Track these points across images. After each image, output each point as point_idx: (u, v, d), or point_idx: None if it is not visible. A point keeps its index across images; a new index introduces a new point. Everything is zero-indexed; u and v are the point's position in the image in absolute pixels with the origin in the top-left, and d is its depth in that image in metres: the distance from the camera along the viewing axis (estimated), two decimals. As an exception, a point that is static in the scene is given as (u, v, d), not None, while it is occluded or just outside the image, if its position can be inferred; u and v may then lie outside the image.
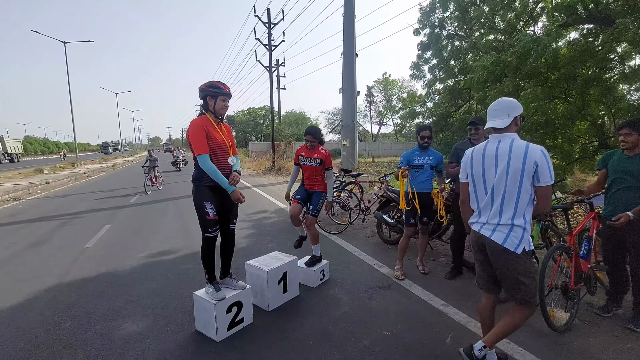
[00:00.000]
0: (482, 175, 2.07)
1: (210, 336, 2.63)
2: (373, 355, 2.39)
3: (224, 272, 2.90)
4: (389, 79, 43.83)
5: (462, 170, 2.24)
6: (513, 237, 1.93)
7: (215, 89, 2.62)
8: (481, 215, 2.09)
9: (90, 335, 2.73)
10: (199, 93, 2.67)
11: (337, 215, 6.36)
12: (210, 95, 2.63)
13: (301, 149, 3.78)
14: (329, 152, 3.74)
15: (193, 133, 2.54)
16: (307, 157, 3.70)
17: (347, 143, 10.74)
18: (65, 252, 4.93)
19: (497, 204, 1.99)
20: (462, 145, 3.58)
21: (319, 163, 3.65)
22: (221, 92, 2.63)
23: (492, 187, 2.01)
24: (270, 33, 18.93)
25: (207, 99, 2.64)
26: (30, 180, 14.59)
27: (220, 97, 2.64)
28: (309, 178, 3.75)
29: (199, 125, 2.55)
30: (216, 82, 2.67)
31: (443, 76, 10.88)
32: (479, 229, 2.08)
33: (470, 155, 2.16)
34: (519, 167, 1.90)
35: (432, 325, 2.77)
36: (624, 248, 2.78)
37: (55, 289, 3.64)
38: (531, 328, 2.68)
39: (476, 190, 2.12)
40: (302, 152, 3.75)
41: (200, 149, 2.52)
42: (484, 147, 2.08)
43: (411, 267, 3.98)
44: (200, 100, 2.69)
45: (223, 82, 2.70)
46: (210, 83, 2.65)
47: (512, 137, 1.99)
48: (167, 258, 4.58)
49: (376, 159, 26.97)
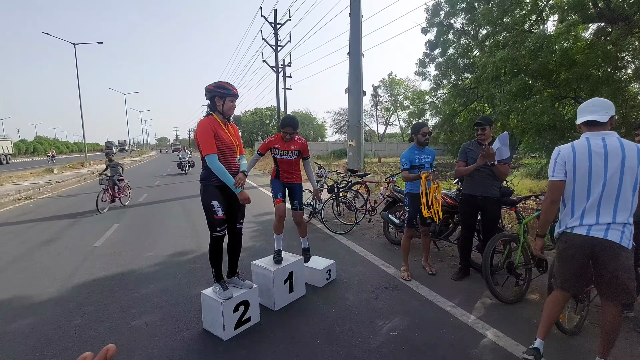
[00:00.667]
0: (588, 174, 1.95)
1: (218, 335, 2.65)
2: (380, 356, 2.38)
3: (231, 271, 2.92)
4: (394, 78, 43.66)
5: (559, 169, 2.04)
6: (627, 235, 1.91)
7: (224, 90, 2.63)
8: (585, 216, 1.97)
9: (99, 332, 2.77)
10: (206, 94, 2.68)
11: (344, 215, 6.35)
12: (218, 96, 2.64)
13: (274, 141, 3.38)
14: (305, 141, 3.51)
15: (201, 133, 2.55)
16: (283, 149, 3.37)
17: (353, 143, 10.71)
18: (75, 251, 5.01)
19: (609, 203, 1.91)
20: (470, 145, 3.56)
21: (297, 155, 3.43)
22: (229, 93, 2.65)
23: (603, 186, 1.92)
24: (276, 33, 19.00)
25: (215, 100, 2.65)
26: (41, 179, 14.84)
27: (229, 97, 2.65)
28: (287, 172, 3.47)
29: (207, 126, 2.56)
30: (223, 83, 2.67)
31: (449, 72, 10.84)
32: (587, 232, 1.96)
33: (573, 153, 1.99)
34: (634, 165, 1.87)
35: (439, 326, 2.75)
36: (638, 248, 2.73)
37: (65, 287, 3.70)
38: (540, 330, 2.65)
39: (577, 189, 1.98)
40: (277, 144, 3.37)
41: (209, 149, 2.54)
42: (586, 144, 1.97)
43: (418, 268, 3.96)
44: (207, 100, 2.71)
45: (230, 83, 2.70)
46: (218, 84, 2.66)
47: (614, 135, 1.95)
48: (175, 257, 4.62)
49: (382, 159, 26.87)
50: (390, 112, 45.06)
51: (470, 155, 3.50)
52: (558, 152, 2.06)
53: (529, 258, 3.27)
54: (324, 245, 4.97)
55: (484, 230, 3.62)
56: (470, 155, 3.51)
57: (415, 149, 3.67)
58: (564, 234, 2.12)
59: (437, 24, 10.73)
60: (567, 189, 2.05)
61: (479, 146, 3.46)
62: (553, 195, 2.10)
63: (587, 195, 1.97)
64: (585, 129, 2.04)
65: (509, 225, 5.24)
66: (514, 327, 2.69)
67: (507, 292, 3.22)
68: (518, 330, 2.65)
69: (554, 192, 2.09)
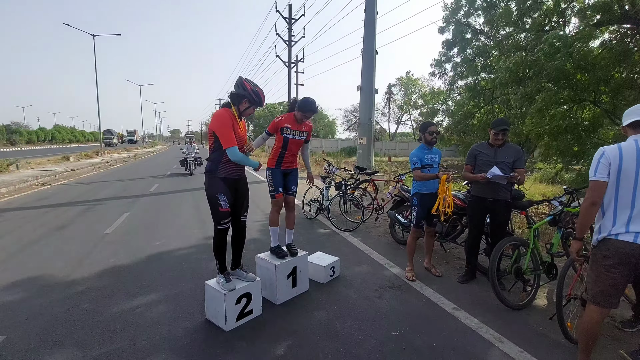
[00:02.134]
0: (635, 178, 1.87)
1: (220, 325, 2.68)
2: (380, 355, 2.37)
3: (235, 263, 2.94)
4: (411, 77, 43.15)
5: (602, 169, 1.95)
6: None
7: (257, 99, 2.67)
8: (632, 222, 1.88)
9: (105, 317, 2.83)
10: (238, 87, 2.65)
11: (351, 213, 6.33)
12: (248, 99, 2.66)
13: (286, 120, 3.24)
14: (311, 123, 3.46)
15: (223, 125, 2.55)
16: (295, 129, 3.25)
17: (363, 141, 10.63)
18: (87, 237, 5.13)
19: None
20: (480, 147, 3.48)
21: (305, 136, 3.36)
22: (259, 104, 2.70)
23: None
24: (290, 29, 18.97)
25: (242, 99, 2.66)
26: (57, 167, 15.26)
27: (255, 106, 2.70)
28: (292, 154, 3.35)
29: (228, 118, 2.57)
30: (260, 92, 2.68)
31: (465, 73, 10.64)
32: (635, 239, 1.86)
33: (619, 154, 1.91)
34: None
35: (442, 328, 2.72)
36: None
37: (76, 271, 3.80)
38: (547, 338, 2.59)
39: (621, 193, 1.91)
40: (288, 123, 3.23)
41: (230, 141, 2.55)
42: (634, 146, 1.89)
43: (423, 269, 3.91)
44: (233, 89, 2.68)
45: (264, 93, 2.72)
46: (256, 90, 2.66)
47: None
48: (182, 247, 4.69)
49: (393, 159, 26.66)
50: (402, 111, 44.60)
51: (480, 158, 3.42)
52: (602, 153, 1.96)
53: (539, 264, 3.19)
54: (329, 242, 4.97)
55: (492, 234, 3.55)
56: (480, 157, 3.42)
57: (424, 147, 3.62)
58: (606, 241, 1.98)
59: (455, 22, 10.52)
60: (609, 193, 1.95)
61: (490, 148, 3.38)
62: (594, 197, 1.98)
63: (633, 200, 1.88)
64: (631, 132, 1.96)
65: (519, 230, 5.13)
66: (519, 334, 2.63)
67: (514, 298, 3.16)
68: (523, 337, 2.59)
69: (595, 193, 1.98)
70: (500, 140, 3.34)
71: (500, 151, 3.34)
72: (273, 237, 3.32)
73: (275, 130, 3.27)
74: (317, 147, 32.18)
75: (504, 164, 3.30)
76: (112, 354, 2.34)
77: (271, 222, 3.34)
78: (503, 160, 3.31)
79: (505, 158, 3.31)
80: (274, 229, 3.33)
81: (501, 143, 3.37)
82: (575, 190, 3.58)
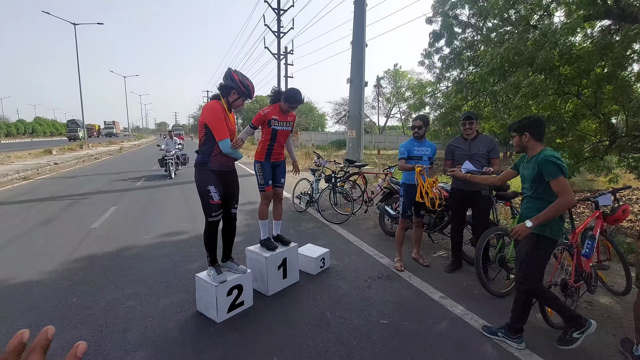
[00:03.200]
0: None
1: (211, 317, 2.70)
2: (369, 342, 2.43)
3: (226, 255, 2.95)
4: (399, 70, 43.19)
5: None
6: None
7: (246, 90, 2.65)
8: None
9: (95, 311, 2.81)
10: (227, 78, 2.63)
11: (340, 205, 6.38)
12: (237, 91, 2.63)
13: (272, 112, 3.20)
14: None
15: (216, 118, 2.54)
16: (282, 120, 3.25)
17: (353, 134, 10.66)
18: (73, 232, 5.04)
19: None
20: (455, 142, 3.59)
21: (291, 127, 3.37)
22: (248, 96, 2.68)
23: None
24: (279, 20, 18.70)
25: (231, 91, 2.65)
26: (39, 160, 14.81)
27: (244, 98, 2.68)
28: (281, 146, 3.35)
29: (220, 111, 2.56)
30: (249, 83, 2.66)
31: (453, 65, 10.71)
32: None
33: None
34: None
35: (429, 316, 2.80)
36: None
37: (62, 267, 3.74)
38: (528, 323, 2.68)
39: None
40: (275, 115, 3.21)
41: (223, 134, 2.55)
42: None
43: (412, 259, 4.00)
44: (222, 81, 2.67)
45: (253, 84, 2.69)
46: (244, 81, 2.64)
47: None
48: (171, 240, 4.65)
49: (382, 151, 26.83)
50: (391, 104, 44.75)
51: (457, 152, 3.57)
52: None
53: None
54: (320, 234, 5.01)
55: (474, 224, 3.66)
56: (456, 152, 3.57)
57: (414, 140, 3.68)
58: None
59: (442, 13, 10.54)
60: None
61: (465, 142, 3.50)
62: None
63: None
64: None
65: (504, 220, 5.28)
66: (502, 320, 2.72)
67: (498, 286, 3.27)
68: (506, 322, 2.69)
69: None
70: (469, 131, 3.45)
71: (473, 144, 3.47)
72: (262, 230, 3.34)
73: (262, 123, 3.22)
74: (307, 140, 32.08)
75: (479, 155, 3.42)
76: (103, 348, 2.34)
77: (260, 215, 3.34)
78: (477, 152, 3.43)
79: (479, 150, 3.43)
80: (264, 222, 3.34)
81: (474, 135, 3.48)
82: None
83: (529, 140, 2.37)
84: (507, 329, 2.45)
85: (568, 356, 2.31)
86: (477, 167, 3.28)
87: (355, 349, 2.35)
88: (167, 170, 10.86)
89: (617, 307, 3.00)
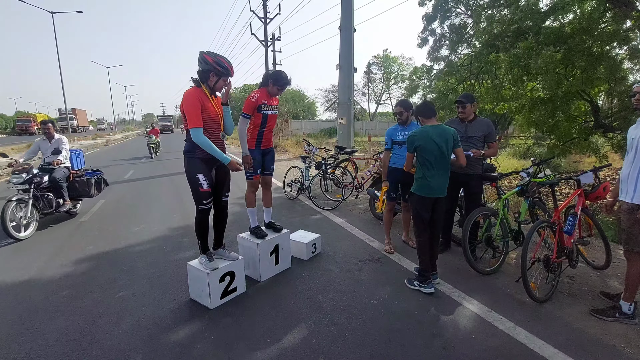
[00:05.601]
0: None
1: (204, 304, 2.73)
2: (360, 321, 2.50)
3: (217, 243, 2.96)
4: (389, 55, 42.86)
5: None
6: None
7: (223, 69, 2.57)
8: None
9: (87, 302, 2.82)
10: (201, 62, 2.56)
11: (331, 192, 6.42)
12: (214, 72, 2.57)
13: (262, 97, 3.13)
14: None
15: (189, 105, 2.49)
16: (271, 105, 3.20)
17: (343, 121, 10.62)
18: (61, 225, 4.98)
19: None
20: (451, 123, 3.58)
21: (277, 110, 3.34)
22: (227, 74, 2.61)
23: None
24: (265, 5, 18.27)
25: (209, 74, 2.58)
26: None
27: (224, 77, 2.61)
28: (271, 131, 3.31)
29: (195, 97, 2.50)
30: (224, 61, 2.57)
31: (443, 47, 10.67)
32: None
33: None
34: None
35: (417, 295, 2.88)
36: None
37: (53, 260, 3.71)
38: (512, 298, 2.80)
39: None
40: (264, 99, 3.15)
41: (195, 122, 2.49)
42: None
43: (402, 242, 4.08)
44: (199, 67, 2.59)
45: (229, 61, 2.60)
46: (218, 60, 2.55)
47: None
48: (163, 231, 4.64)
49: (373, 138, 26.83)
50: (382, 90, 44.59)
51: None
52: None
53: (507, 232, 3.40)
54: (311, 220, 5.05)
55: (467, 206, 3.72)
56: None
57: (399, 125, 3.69)
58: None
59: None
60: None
61: (461, 123, 3.50)
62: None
63: None
64: None
65: (491, 201, 5.39)
66: (488, 296, 2.84)
67: (484, 264, 3.37)
68: (492, 298, 2.80)
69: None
70: (462, 114, 3.45)
71: (470, 126, 3.46)
72: (252, 218, 3.35)
73: (254, 110, 3.15)
74: (298, 128, 31.83)
75: (475, 138, 3.43)
76: (97, 338, 2.36)
77: (248, 203, 3.35)
78: (474, 135, 3.43)
79: (476, 133, 3.43)
80: (252, 210, 3.35)
81: (471, 117, 3.48)
82: (542, 162, 3.77)
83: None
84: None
85: (550, 328, 2.41)
86: (472, 149, 3.36)
87: (346, 328, 2.42)
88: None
89: (597, 281, 3.12)
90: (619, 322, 2.45)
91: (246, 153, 3.13)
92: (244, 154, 3.14)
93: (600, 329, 2.40)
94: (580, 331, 2.38)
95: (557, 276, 2.87)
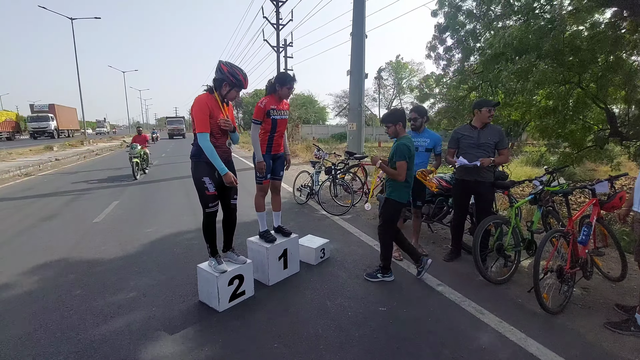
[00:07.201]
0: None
1: (213, 306, 2.75)
2: (368, 328, 2.48)
3: (226, 246, 2.99)
4: (400, 61, 42.85)
5: None
6: None
7: (236, 81, 2.62)
8: None
9: (99, 302, 2.87)
10: (217, 71, 2.63)
11: (341, 197, 6.41)
12: (228, 83, 2.63)
13: (270, 102, 3.17)
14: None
15: (198, 110, 2.55)
16: (280, 109, 3.23)
17: (353, 127, 10.64)
18: (75, 226, 5.10)
19: None
20: (462, 130, 3.54)
21: (287, 115, 3.33)
22: (240, 86, 2.67)
23: None
24: (278, 11, 18.53)
25: (223, 84, 2.64)
26: (40, 156, 14.87)
27: (237, 89, 2.67)
28: (281, 136, 3.33)
29: (204, 103, 2.57)
30: (239, 73, 2.62)
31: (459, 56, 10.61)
32: None
33: None
34: None
35: (427, 303, 2.85)
36: None
37: (66, 260, 3.80)
38: (524, 309, 2.74)
39: None
40: (273, 104, 3.18)
41: (202, 126, 2.54)
42: None
43: (410, 249, 4.04)
44: (214, 75, 2.66)
45: (245, 74, 2.66)
46: (233, 71, 2.60)
47: None
48: (173, 233, 4.71)
49: (383, 144, 26.74)
50: (392, 96, 44.51)
51: (463, 141, 3.47)
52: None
53: (519, 240, 3.34)
54: (320, 225, 5.05)
55: (478, 214, 3.67)
56: (463, 140, 3.47)
57: (412, 131, 3.69)
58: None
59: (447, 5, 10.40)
60: None
61: (473, 130, 3.45)
62: None
63: None
64: None
65: (503, 209, 5.30)
66: (498, 306, 2.78)
67: (495, 273, 3.31)
68: (503, 309, 2.74)
69: None
70: (491, 117, 3.41)
71: (483, 133, 3.41)
72: (261, 222, 3.37)
73: (263, 115, 3.20)
74: (308, 133, 31.99)
75: (487, 145, 3.39)
76: (108, 337, 2.40)
77: (257, 207, 3.39)
78: (486, 142, 3.39)
79: (488, 140, 3.39)
80: (261, 214, 3.38)
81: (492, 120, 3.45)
82: (556, 170, 3.70)
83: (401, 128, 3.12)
84: None
85: (562, 340, 2.35)
86: (484, 156, 3.33)
87: (353, 335, 2.40)
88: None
89: (612, 293, 3.03)
90: (635, 335, 2.38)
91: (260, 159, 3.19)
92: (257, 159, 3.20)
93: (614, 343, 2.32)
94: (594, 344, 2.31)
95: (570, 287, 2.80)
